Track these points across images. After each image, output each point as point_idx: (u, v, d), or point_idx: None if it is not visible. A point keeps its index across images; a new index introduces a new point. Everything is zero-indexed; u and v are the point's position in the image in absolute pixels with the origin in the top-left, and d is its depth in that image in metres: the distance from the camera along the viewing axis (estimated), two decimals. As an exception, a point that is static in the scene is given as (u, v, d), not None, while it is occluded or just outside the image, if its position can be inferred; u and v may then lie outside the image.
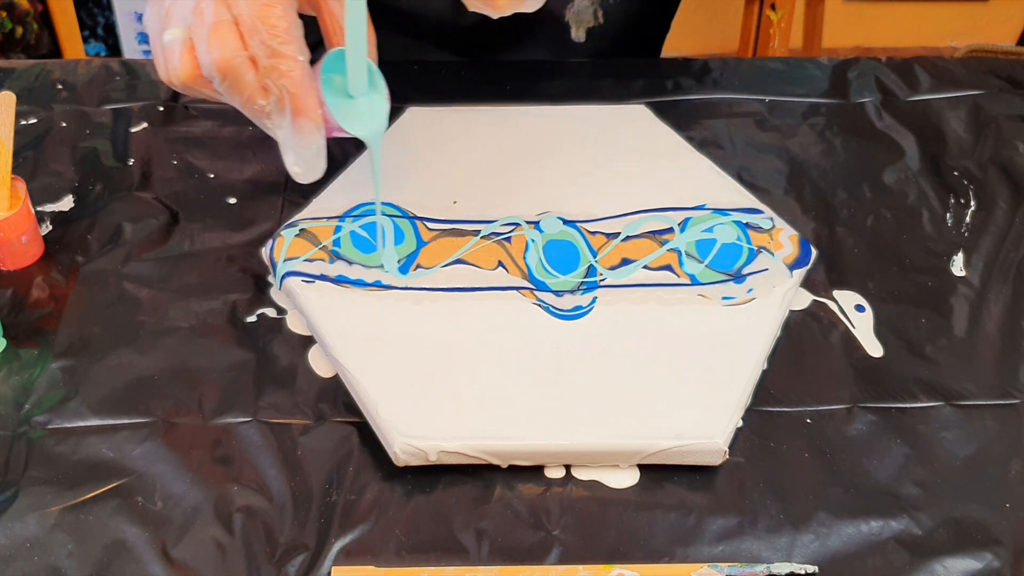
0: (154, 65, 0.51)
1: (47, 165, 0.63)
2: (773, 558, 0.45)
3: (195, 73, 0.49)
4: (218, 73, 0.48)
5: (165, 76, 0.51)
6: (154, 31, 0.51)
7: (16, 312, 0.54)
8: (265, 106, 0.49)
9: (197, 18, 0.48)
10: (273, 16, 0.47)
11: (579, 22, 0.62)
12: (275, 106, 0.49)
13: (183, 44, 0.49)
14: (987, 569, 0.45)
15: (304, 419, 0.50)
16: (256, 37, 0.47)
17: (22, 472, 0.47)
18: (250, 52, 0.48)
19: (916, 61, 0.72)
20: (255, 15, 0.47)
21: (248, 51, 0.48)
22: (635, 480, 0.48)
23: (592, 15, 0.63)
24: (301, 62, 0.48)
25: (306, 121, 0.49)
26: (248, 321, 0.54)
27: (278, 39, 0.47)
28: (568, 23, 0.72)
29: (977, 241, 0.60)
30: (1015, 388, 0.52)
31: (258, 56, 0.48)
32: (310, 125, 0.49)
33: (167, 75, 0.51)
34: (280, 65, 0.47)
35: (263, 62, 0.48)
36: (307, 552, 0.45)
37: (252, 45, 0.47)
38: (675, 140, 0.64)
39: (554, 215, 0.58)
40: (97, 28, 1.63)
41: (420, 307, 0.53)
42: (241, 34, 0.48)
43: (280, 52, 0.47)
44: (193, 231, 0.59)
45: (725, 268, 0.55)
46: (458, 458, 0.47)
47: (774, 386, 0.52)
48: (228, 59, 0.47)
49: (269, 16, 0.47)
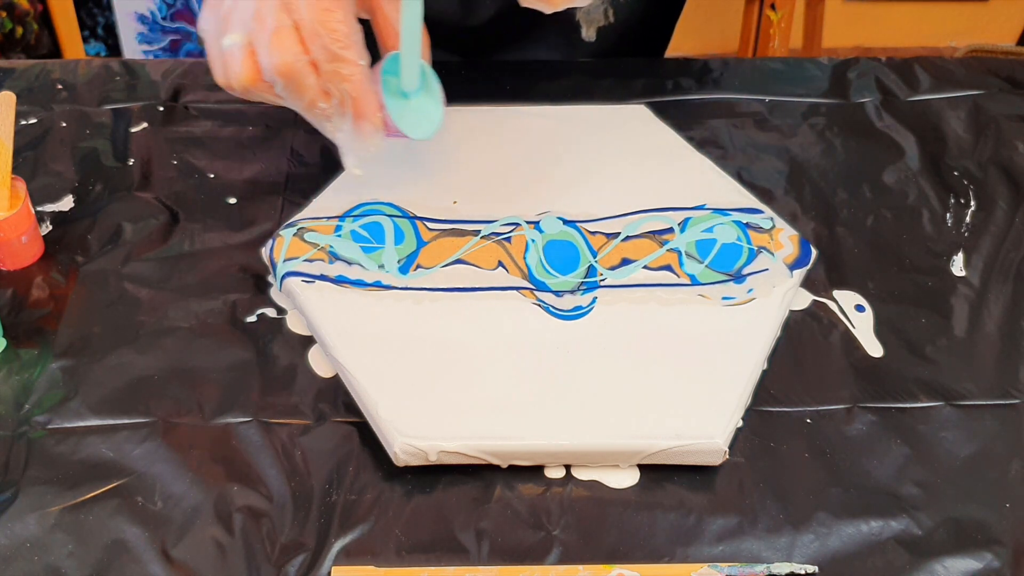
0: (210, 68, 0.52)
1: (47, 165, 0.63)
2: (773, 558, 0.45)
3: (256, 77, 0.50)
4: (280, 77, 0.48)
5: (224, 80, 0.51)
6: (211, 35, 0.51)
7: (16, 312, 0.54)
8: (326, 109, 0.50)
9: (258, 23, 0.48)
10: (333, 21, 0.48)
11: (590, 21, 0.62)
12: (336, 109, 0.49)
13: (243, 49, 0.49)
14: (987, 569, 0.45)
15: (304, 419, 0.50)
16: (317, 42, 0.48)
17: (22, 472, 0.47)
18: (311, 57, 0.48)
19: (916, 61, 0.72)
20: (316, 20, 0.48)
21: (309, 55, 0.48)
22: (635, 480, 0.48)
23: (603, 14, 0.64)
24: (362, 66, 0.49)
25: (366, 124, 0.50)
26: (248, 321, 0.54)
27: (339, 43, 0.48)
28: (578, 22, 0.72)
29: (977, 241, 0.60)
30: (1015, 388, 0.52)
31: (319, 60, 0.48)
32: (370, 128, 0.50)
33: (226, 79, 0.51)
34: (341, 69, 0.48)
35: (324, 66, 0.48)
36: (307, 552, 0.45)
37: (313, 50, 0.48)
38: (675, 140, 0.64)
39: (554, 215, 0.58)
40: (97, 28, 1.63)
41: (420, 307, 0.53)
42: (302, 39, 0.48)
43: (341, 56, 0.48)
44: (193, 231, 0.59)
45: (725, 268, 0.55)
46: (458, 458, 0.47)
47: (774, 386, 0.52)
48: (290, 64, 0.48)
49: (329, 21, 0.48)
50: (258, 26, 0.49)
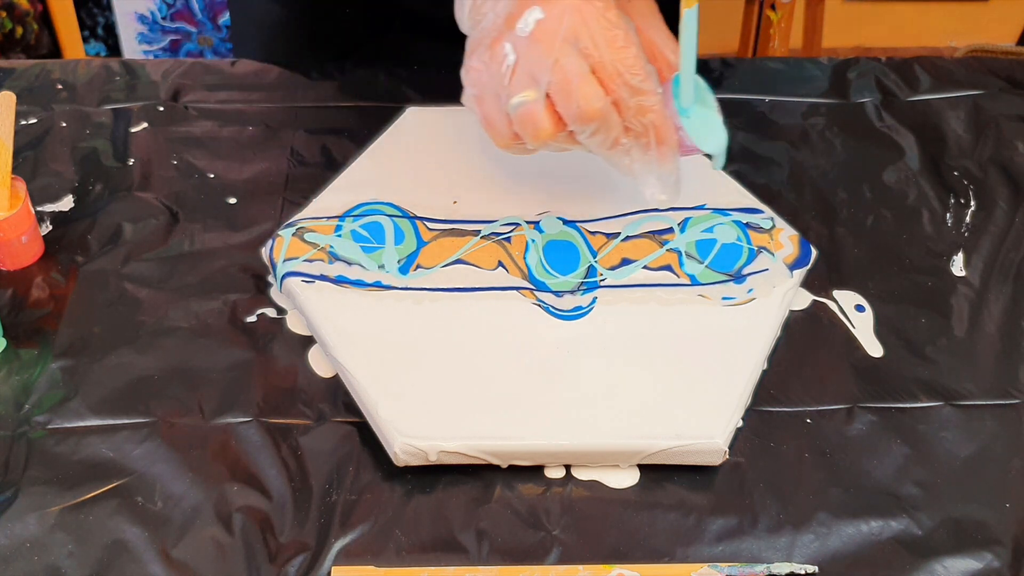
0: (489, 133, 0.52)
1: (47, 165, 0.63)
2: (773, 558, 0.45)
3: (557, 129, 0.50)
4: (590, 123, 0.49)
5: (509, 139, 0.51)
6: (489, 98, 0.51)
7: (16, 312, 0.54)
8: (627, 144, 0.50)
9: (557, 74, 0.48)
10: (630, 57, 0.48)
11: None
12: (635, 142, 0.50)
13: (540, 104, 0.49)
14: (987, 569, 0.45)
15: (304, 419, 0.50)
16: (618, 80, 0.48)
17: (22, 472, 0.47)
18: (614, 96, 0.49)
19: (916, 61, 0.72)
20: (615, 59, 0.48)
21: (612, 96, 0.49)
22: (635, 480, 0.48)
23: None
24: (660, 95, 0.50)
25: (667, 148, 0.51)
26: (248, 321, 0.54)
27: (638, 77, 0.48)
28: None
29: (977, 241, 0.60)
30: (1015, 388, 0.52)
31: (622, 98, 0.49)
32: (670, 151, 0.51)
33: (515, 138, 0.51)
34: (644, 102, 0.49)
35: (628, 102, 0.49)
36: (307, 552, 0.45)
37: (615, 88, 0.49)
38: (675, 140, 0.64)
39: (554, 215, 0.58)
40: (97, 28, 1.63)
41: (420, 307, 0.53)
42: (602, 81, 0.48)
43: (642, 89, 0.49)
44: (193, 231, 0.59)
45: (725, 268, 0.55)
46: (458, 458, 0.47)
47: (774, 386, 0.52)
48: (599, 108, 0.48)
49: (627, 57, 0.48)
50: (558, 77, 0.48)
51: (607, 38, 0.48)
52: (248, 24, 0.80)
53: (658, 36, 0.53)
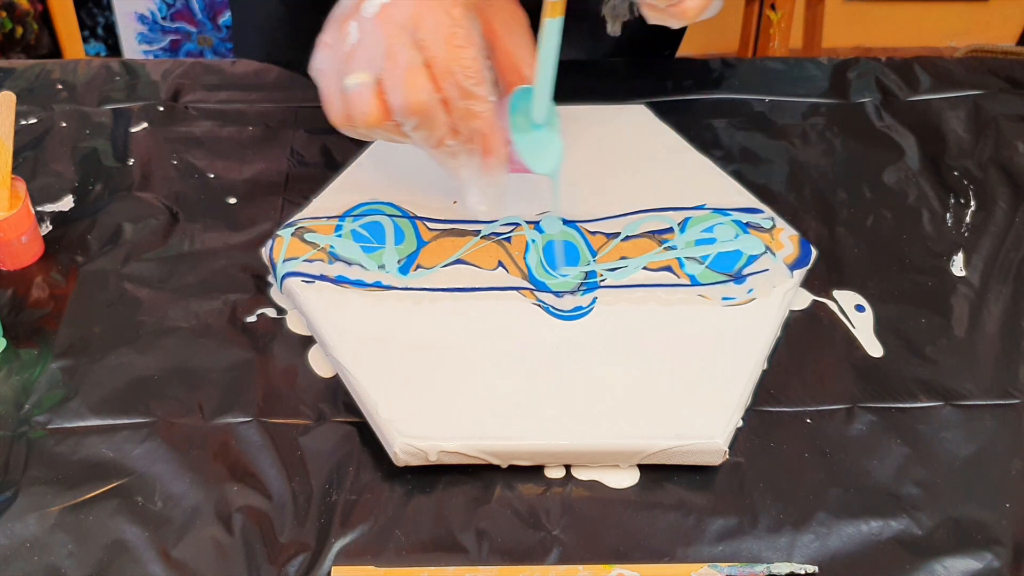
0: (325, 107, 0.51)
1: (47, 165, 0.63)
2: (773, 558, 0.45)
3: (385, 117, 0.49)
4: (412, 116, 0.48)
5: (343, 120, 0.50)
6: (330, 74, 0.50)
7: (16, 312, 0.54)
8: (454, 147, 0.50)
9: (389, 62, 0.48)
10: (467, 58, 0.48)
11: (615, 16, 0.62)
12: (462, 147, 0.50)
13: (371, 88, 0.49)
14: (987, 569, 0.45)
15: (304, 419, 0.50)
16: (450, 79, 0.47)
17: (22, 472, 0.47)
18: (443, 95, 0.48)
19: (916, 61, 0.72)
20: (449, 58, 0.47)
21: (441, 94, 0.48)
22: (635, 480, 0.48)
23: (628, 9, 0.64)
24: (492, 103, 0.49)
25: (494, 160, 0.50)
26: (248, 321, 0.54)
27: (471, 80, 0.48)
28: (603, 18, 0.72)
29: (977, 241, 0.60)
30: (1015, 388, 0.52)
31: (451, 98, 0.48)
32: (497, 163, 0.50)
33: (348, 119, 0.50)
34: (473, 106, 0.48)
35: (456, 104, 0.48)
36: (307, 552, 0.45)
37: (445, 87, 0.48)
38: (675, 140, 0.64)
39: (554, 215, 0.58)
40: (97, 28, 1.63)
41: (420, 307, 0.53)
42: (434, 76, 0.48)
43: (474, 93, 0.48)
44: (193, 231, 0.59)
45: (725, 269, 0.55)
46: (458, 458, 0.47)
47: (774, 386, 0.52)
48: (423, 102, 0.48)
49: (463, 58, 0.47)
50: (390, 64, 0.48)
51: (446, 34, 0.47)
52: (249, 23, 0.80)
53: (517, 47, 0.53)
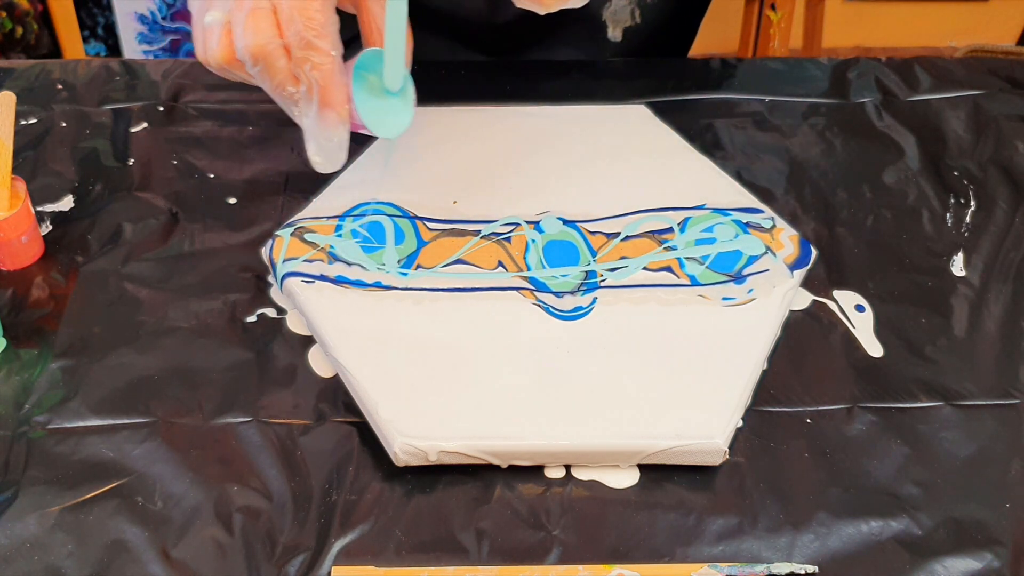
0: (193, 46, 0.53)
1: (47, 165, 0.63)
2: (773, 558, 0.45)
3: (230, 56, 0.51)
4: (251, 57, 0.50)
5: (202, 56, 0.53)
6: (196, 12, 0.52)
7: (16, 312, 0.54)
8: (294, 94, 0.51)
9: (236, 3, 0.49)
10: (311, 9, 0.48)
11: (616, 21, 0.63)
12: (304, 95, 0.50)
13: (222, 27, 0.51)
14: (987, 569, 0.45)
15: (304, 419, 0.50)
16: (292, 27, 0.49)
17: (22, 472, 0.47)
18: (285, 41, 0.49)
19: (916, 61, 0.72)
20: (293, 6, 0.48)
21: (283, 39, 0.49)
22: (635, 480, 0.48)
23: (629, 14, 0.64)
24: (333, 56, 0.49)
25: (331, 114, 0.51)
26: (248, 321, 0.54)
27: (313, 31, 0.48)
28: (605, 22, 0.72)
29: (977, 241, 0.60)
30: (1015, 388, 0.52)
31: (292, 46, 0.49)
32: (335, 118, 0.51)
33: (204, 56, 0.52)
34: (312, 57, 0.49)
35: (296, 52, 0.49)
36: (307, 552, 0.45)
37: (287, 34, 0.49)
38: (675, 140, 0.64)
39: (554, 215, 0.58)
40: (97, 28, 1.63)
41: (420, 307, 0.53)
42: (279, 22, 0.49)
43: (314, 44, 0.49)
44: (193, 231, 0.59)
45: (725, 269, 0.55)
46: (458, 458, 0.47)
47: (774, 386, 0.52)
48: (262, 45, 0.49)
49: (307, 8, 0.48)
50: (236, 6, 0.50)
51: None
52: None
53: (379, 9, 0.53)
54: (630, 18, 0.64)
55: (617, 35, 0.72)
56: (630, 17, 0.64)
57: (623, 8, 0.69)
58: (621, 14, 0.66)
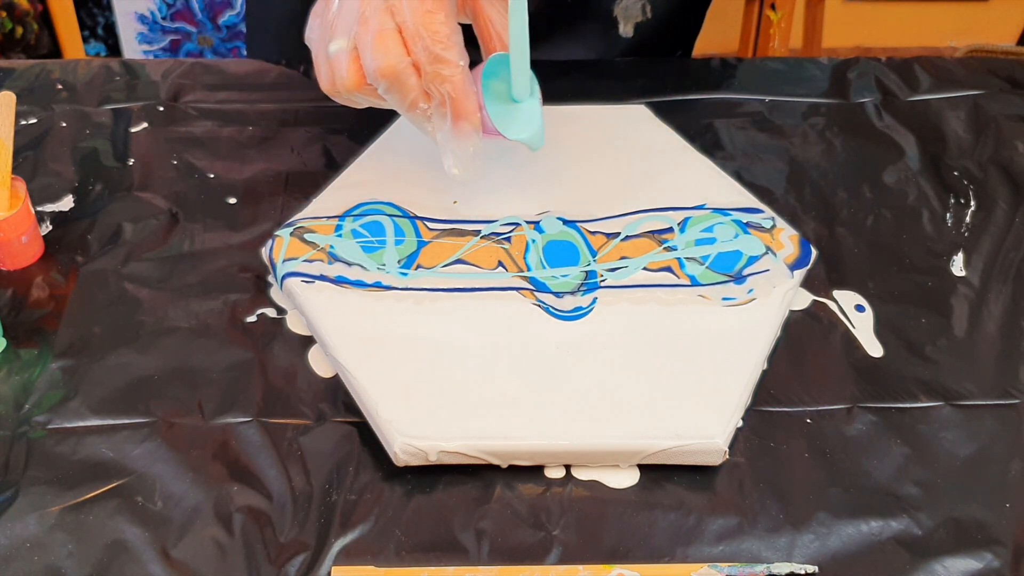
0: (316, 76, 0.53)
1: (47, 165, 0.63)
2: (773, 558, 0.45)
3: (361, 81, 0.51)
4: (383, 79, 0.50)
5: (330, 86, 0.52)
6: (318, 42, 0.52)
7: (16, 312, 0.54)
8: (427, 110, 0.51)
9: (362, 27, 0.49)
10: (436, 23, 0.49)
11: (627, 17, 0.63)
12: (436, 110, 0.51)
13: (349, 54, 0.50)
14: (987, 569, 0.45)
15: (304, 419, 0.50)
16: (419, 43, 0.49)
17: (22, 472, 0.47)
18: (413, 58, 0.49)
19: (916, 61, 0.72)
20: (419, 22, 0.49)
21: (411, 57, 0.49)
22: (635, 480, 0.48)
23: (640, 10, 0.64)
24: (462, 67, 0.50)
25: (465, 124, 0.51)
26: (248, 321, 0.54)
27: (440, 44, 0.49)
28: (616, 19, 0.72)
29: (977, 241, 0.60)
30: (1015, 388, 0.52)
31: (421, 62, 0.49)
32: (469, 128, 0.51)
33: (332, 85, 0.52)
34: (442, 70, 0.49)
35: (426, 68, 0.49)
36: (307, 552, 0.45)
37: (415, 51, 0.49)
38: (675, 140, 0.64)
39: (554, 215, 0.58)
40: (97, 28, 1.63)
41: (420, 307, 0.53)
42: (404, 41, 0.49)
43: (442, 57, 0.49)
44: (193, 231, 0.59)
45: (726, 269, 0.55)
46: (458, 458, 0.47)
47: (774, 386, 0.52)
48: (392, 65, 0.49)
49: (432, 23, 0.49)
50: (362, 30, 0.50)
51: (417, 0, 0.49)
52: (265, 23, 0.80)
53: (498, 15, 0.54)
54: (641, 13, 0.64)
55: (628, 31, 0.72)
56: (641, 13, 0.64)
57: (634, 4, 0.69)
58: (632, 10, 0.66)
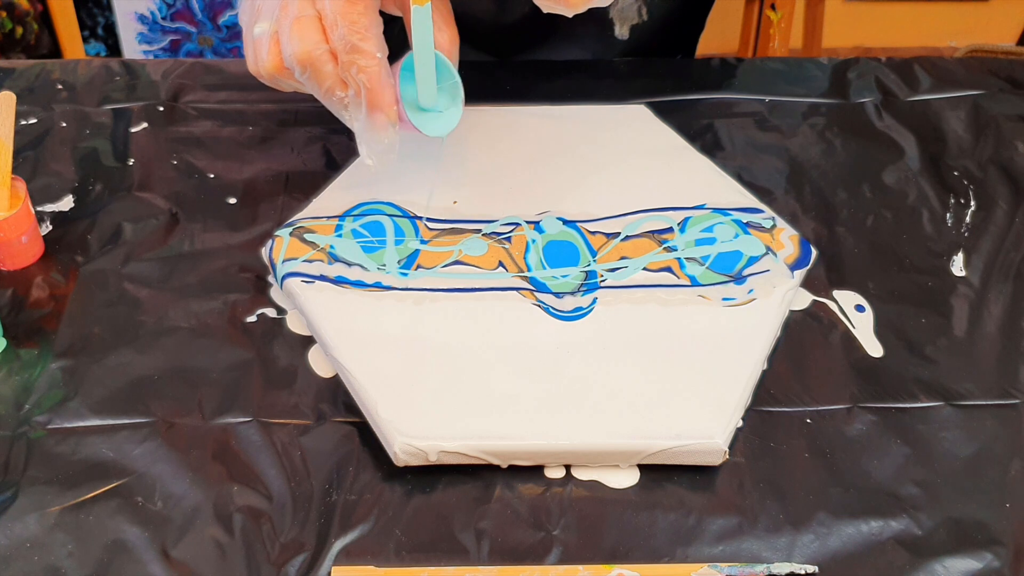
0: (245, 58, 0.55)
1: (47, 165, 0.63)
2: (773, 558, 0.45)
3: (280, 65, 0.52)
4: (299, 65, 0.50)
5: (254, 68, 0.53)
6: (246, 25, 0.53)
7: (16, 312, 0.54)
8: (343, 98, 0.51)
9: (283, 11, 0.50)
10: (355, 12, 0.49)
11: (623, 19, 0.63)
12: (352, 100, 0.51)
13: (270, 37, 0.51)
14: (987, 569, 0.45)
15: (304, 419, 0.50)
16: (337, 32, 0.49)
17: (22, 472, 0.47)
18: (331, 46, 0.50)
19: (916, 61, 0.72)
20: (337, 11, 0.49)
21: (329, 45, 0.50)
22: (635, 480, 0.48)
23: (636, 12, 0.64)
24: (379, 59, 0.50)
25: (380, 116, 0.51)
26: (248, 321, 0.54)
27: (358, 35, 0.49)
28: (612, 20, 0.72)
29: (977, 241, 0.60)
30: (1015, 388, 0.52)
31: (338, 50, 0.50)
32: (384, 120, 0.51)
33: (255, 67, 0.53)
34: (358, 60, 0.49)
35: (342, 56, 0.50)
36: (307, 552, 0.45)
37: (333, 39, 0.49)
38: (675, 140, 0.64)
39: (554, 215, 0.58)
40: (97, 28, 1.63)
41: (420, 307, 0.53)
42: (323, 28, 0.50)
43: (359, 48, 0.49)
44: (193, 231, 0.59)
45: (726, 269, 0.55)
46: (458, 458, 0.47)
47: (774, 386, 0.52)
48: (308, 51, 0.50)
49: (351, 12, 0.49)
50: (283, 15, 0.50)
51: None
52: None
53: None
54: (637, 16, 0.64)
55: (624, 33, 0.72)
56: (637, 15, 0.64)
57: (630, 6, 0.69)
58: (628, 12, 0.66)
